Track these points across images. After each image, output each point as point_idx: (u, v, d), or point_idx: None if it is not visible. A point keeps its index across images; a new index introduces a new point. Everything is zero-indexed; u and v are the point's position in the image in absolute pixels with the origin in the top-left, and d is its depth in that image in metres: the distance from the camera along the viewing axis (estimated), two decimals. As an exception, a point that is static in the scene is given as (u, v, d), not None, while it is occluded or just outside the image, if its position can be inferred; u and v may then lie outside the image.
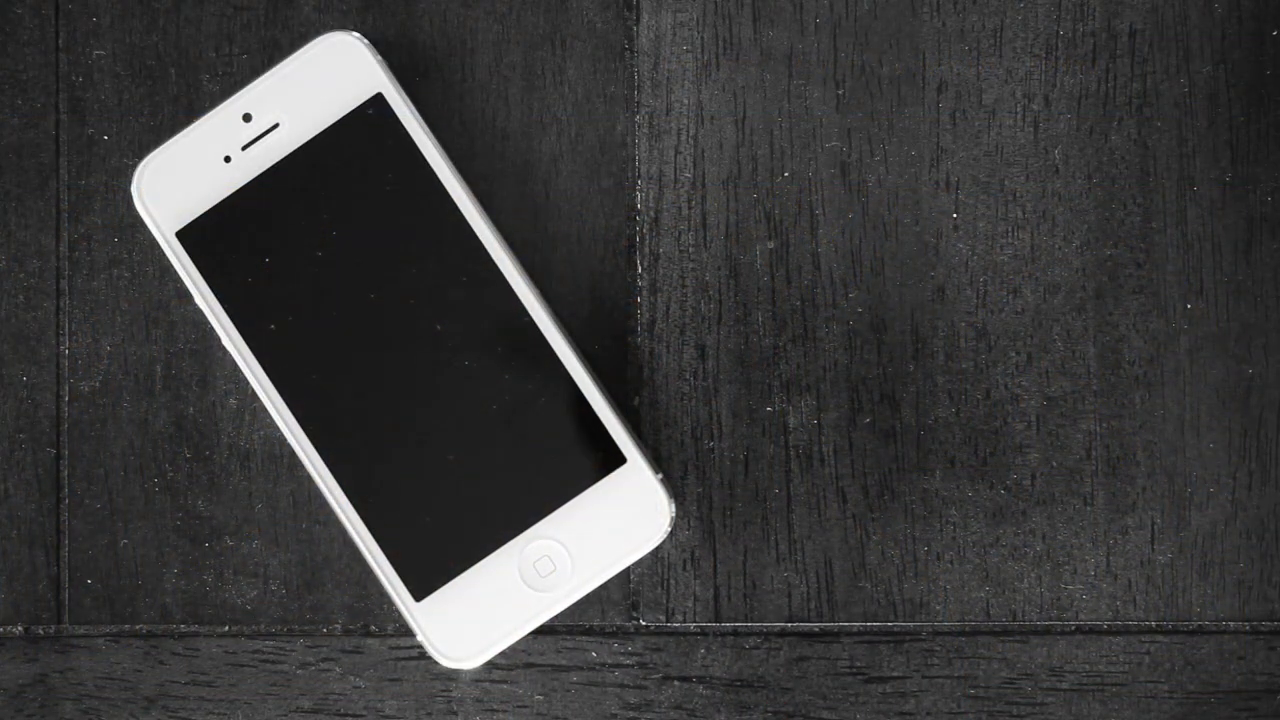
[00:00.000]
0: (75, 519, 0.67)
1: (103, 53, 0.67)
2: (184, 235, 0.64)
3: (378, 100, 0.64)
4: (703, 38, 0.67)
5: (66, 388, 0.67)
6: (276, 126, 0.64)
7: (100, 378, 0.67)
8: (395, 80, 0.64)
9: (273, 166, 0.64)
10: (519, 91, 0.67)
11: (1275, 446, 0.67)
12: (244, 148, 0.64)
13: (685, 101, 0.67)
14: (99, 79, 0.67)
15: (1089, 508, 0.67)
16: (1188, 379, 0.67)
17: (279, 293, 0.64)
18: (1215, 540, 0.67)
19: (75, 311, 0.67)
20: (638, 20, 0.67)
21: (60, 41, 0.67)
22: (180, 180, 0.64)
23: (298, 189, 0.64)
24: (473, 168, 0.67)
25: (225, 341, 0.64)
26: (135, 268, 0.67)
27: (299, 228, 0.64)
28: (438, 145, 0.64)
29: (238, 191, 0.64)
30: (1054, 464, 0.67)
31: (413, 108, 0.64)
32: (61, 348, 0.67)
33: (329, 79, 0.64)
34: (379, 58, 0.64)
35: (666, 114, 0.67)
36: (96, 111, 0.67)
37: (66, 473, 0.67)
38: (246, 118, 0.64)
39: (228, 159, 0.64)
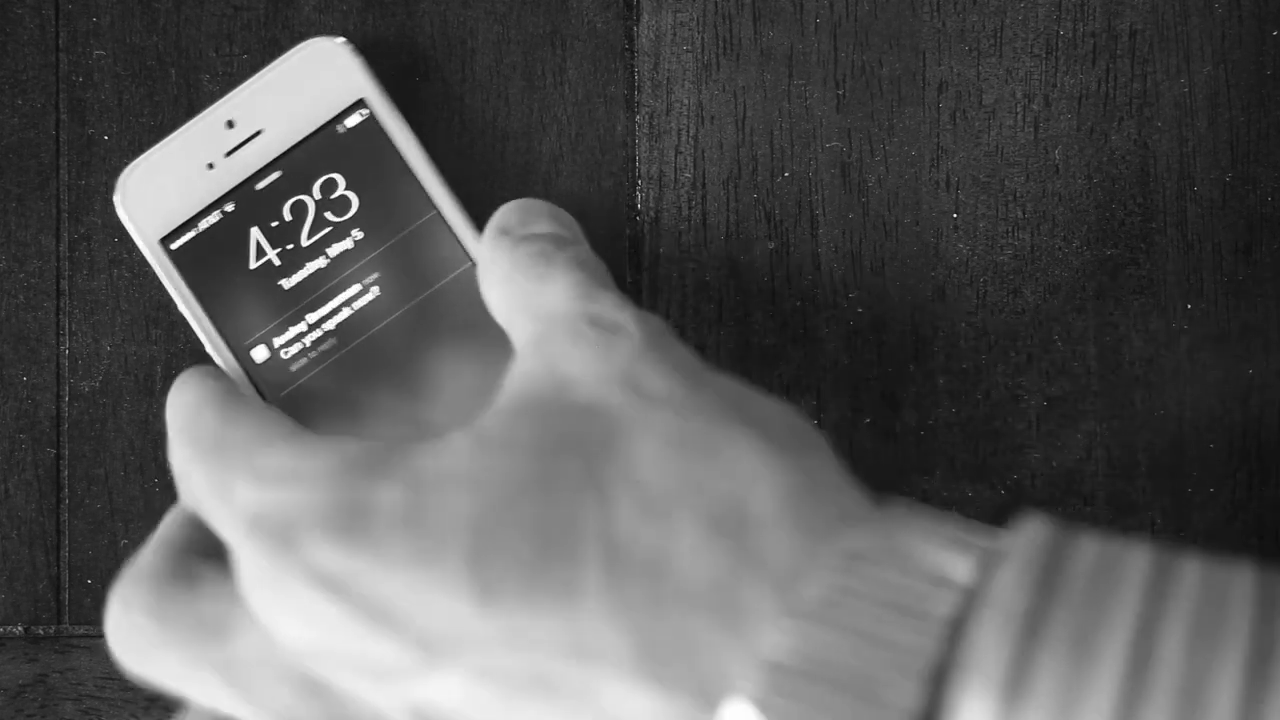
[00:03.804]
0: (75, 519, 0.67)
1: (103, 53, 0.67)
2: (167, 242, 0.64)
3: (361, 106, 0.64)
4: (703, 38, 0.67)
5: (66, 388, 0.67)
6: (259, 133, 0.64)
7: (100, 378, 0.67)
8: (379, 85, 0.64)
9: (256, 173, 0.64)
10: (519, 91, 0.67)
11: (1275, 446, 0.67)
12: (227, 155, 0.64)
13: (685, 101, 0.67)
14: (99, 79, 0.67)
15: (1089, 508, 0.67)
16: (1188, 379, 0.67)
17: (263, 299, 0.64)
18: (1215, 540, 0.67)
19: (75, 311, 0.67)
20: (638, 20, 0.67)
21: (60, 41, 0.67)
22: (163, 187, 0.64)
23: (281, 195, 0.64)
24: (473, 168, 0.67)
25: (209, 348, 0.64)
26: (135, 268, 0.67)
27: (283, 234, 0.64)
28: (422, 150, 0.64)
29: (220, 198, 0.64)
30: (1054, 464, 0.67)
31: (397, 113, 0.64)
32: (61, 348, 0.67)
33: (311, 85, 0.64)
34: (363, 63, 0.64)
35: (666, 114, 0.67)
36: (96, 111, 0.67)
37: (66, 473, 0.67)
38: (229, 124, 0.64)
39: (210, 166, 0.64)
